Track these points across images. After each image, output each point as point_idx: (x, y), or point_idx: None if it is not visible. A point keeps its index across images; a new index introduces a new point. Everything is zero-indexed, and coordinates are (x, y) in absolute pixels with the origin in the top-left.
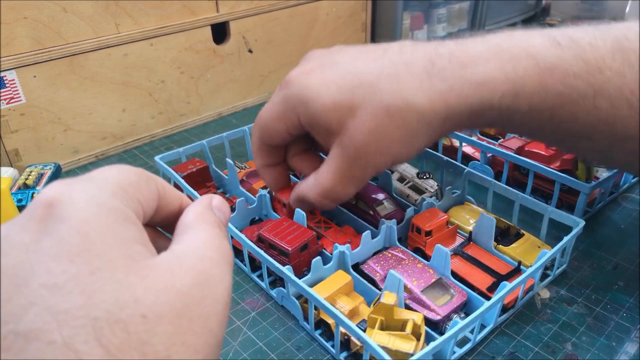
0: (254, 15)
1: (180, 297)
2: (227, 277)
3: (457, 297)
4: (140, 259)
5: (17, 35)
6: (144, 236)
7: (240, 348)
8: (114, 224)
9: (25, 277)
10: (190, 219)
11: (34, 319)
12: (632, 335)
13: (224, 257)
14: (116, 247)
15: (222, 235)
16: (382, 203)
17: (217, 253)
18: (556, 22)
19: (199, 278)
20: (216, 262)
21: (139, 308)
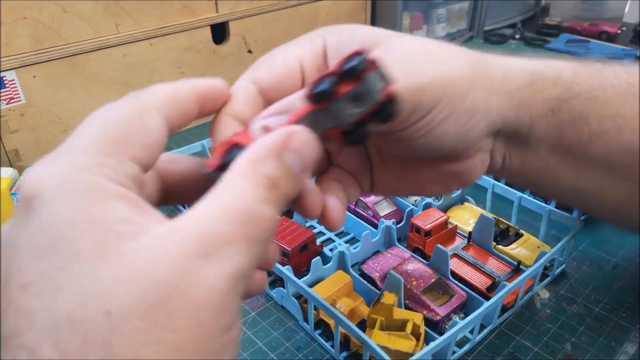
0: (253, 15)
1: (156, 287)
2: (240, 257)
3: (457, 297)
4: (119, 242)
5: (17, 35)
6: (133, 209)
7: (240, 348)
8: (88, 208)
9: (7, 277)
10: (232, 170)
11: (10, 321)
12: (632, 336)
13: (245, 229)
14: (89, 235)
15: (264, 201)
16: (382, 203)
17: (231, 226)
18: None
19: (186, 262)
20: (223, 239)
21: (103, 304)
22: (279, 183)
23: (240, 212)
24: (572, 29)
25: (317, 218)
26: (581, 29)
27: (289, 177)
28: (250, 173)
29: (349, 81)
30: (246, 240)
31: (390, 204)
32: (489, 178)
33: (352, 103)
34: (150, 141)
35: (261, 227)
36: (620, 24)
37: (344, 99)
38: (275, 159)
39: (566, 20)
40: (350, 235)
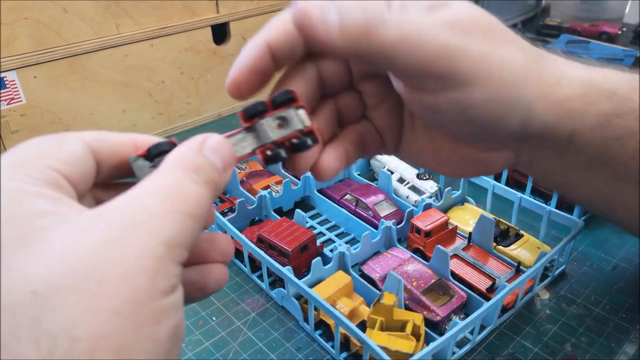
0: (254, 15)
1: (83, 259)
2: (170, 227)
3: (457, 298)
4: (40, 233)
5: (18, 35)
6: (53, 204)
7: (240, 348)
8: (7, 207)
9: None
10: (163, 163)
11: None
12: (631, 336)
13: (173, 204)
14: (10, 231)
15: (190, 180)
16: (382, 204)
17: (157, 200)
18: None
19: (113, 233)
20: (151, 212)
21: (29, 285)
22: (203, 168)
23: (167, 188)
24: (573, 30)
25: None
26: (581, 30)
27: (211, 167)
28: (177, 160)
29: (278, 110)
30: (174, 212)
31: (390, 204)
32: (489, 179)
33: (276, 129)
34: (68, 158)
35: (189, 202)
36: (621, 25)
37: (269, 120)
38: (196, 152)
39: (566, 21)
40: (351, 236)
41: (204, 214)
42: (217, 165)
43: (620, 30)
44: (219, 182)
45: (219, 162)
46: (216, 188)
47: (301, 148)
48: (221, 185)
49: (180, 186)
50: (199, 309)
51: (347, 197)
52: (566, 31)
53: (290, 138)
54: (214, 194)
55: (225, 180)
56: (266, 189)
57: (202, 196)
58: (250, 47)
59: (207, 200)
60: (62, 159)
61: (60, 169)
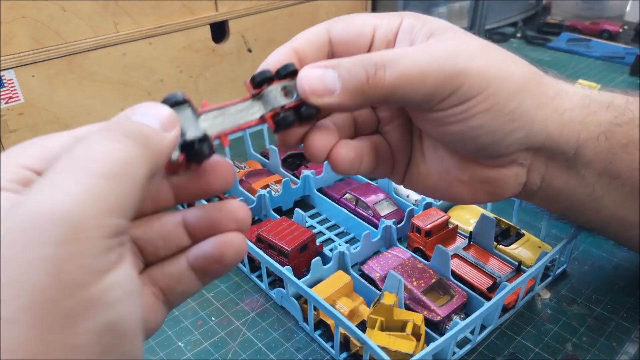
0: (253, 14)
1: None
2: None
3: (457, 298)
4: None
5: (16, 34)
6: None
7: (239, 349)
8: None
9: None
10: None
11: None
12: (633, 336)
13: (76, 168)
14: None
15: (102, 137)
16: (382, 203)
17: (58, 172)
18: (557, 21)
19: (10, 228)
20: (48, 185)
21: None
22: (122, 124)
23: (71, 153)
24: (574, 28)
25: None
26: (582, 28)
27: (137, 124)
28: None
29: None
30: (77, 178)
31: (390, 203)
32: None
33: (284, 96)
34: (45, 153)
35: (98, 160)
36: (622, 23)
37: (277, 88)
38: (120, 117)
39: (567, 19)
40: (351, 236)
41: (129, 169)
42: (148, 123)
43: (621, 28)
44: (156, 138)
45: (153, 121)
46: (150, 142)
47: (308, 115)
48: (162, 142)
49: (87, 146)
50: (197, 309)
51: (347, 196)
52: (567, 29)
53: (298, 105)
54: (148, 148)
55: (168, 138)
56: (265, 188)
57: (119, 150)
58: (277, 50)
59: (128, 153)
60: (39, 156)
61: (33, 165)
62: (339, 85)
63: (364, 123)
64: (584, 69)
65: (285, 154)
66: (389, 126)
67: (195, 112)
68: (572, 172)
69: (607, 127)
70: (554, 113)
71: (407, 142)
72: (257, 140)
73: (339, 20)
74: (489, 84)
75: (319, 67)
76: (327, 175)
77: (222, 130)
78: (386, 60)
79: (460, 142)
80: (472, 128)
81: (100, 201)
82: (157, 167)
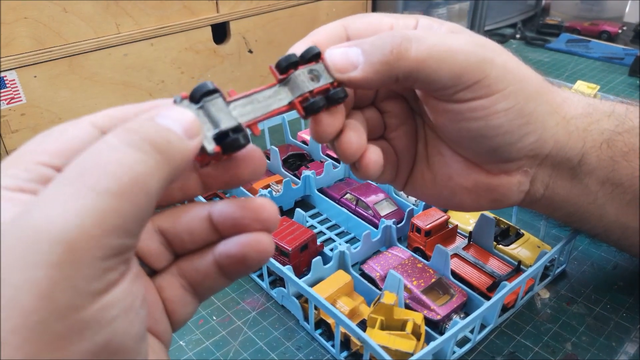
0: (254, 15)
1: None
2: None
3: (457, 297)
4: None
5: (18, 35)
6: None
7: (240, 348)
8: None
9: None
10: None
11: None
12: (632, 335)
13: (84, 182)
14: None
15: (120, 144)
16: (382, 203)
17: (62, 184)
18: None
19: (6, 245)
20: (47, 200)
21: None
22: (143, 128)
23: (82, 162)
24: (573, 29)
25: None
26: (582, 29)
27: (161, 128)
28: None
29: (307, 64)
30: (82, 194)
31: (390, 203)
32: None
33: (311, 81)
34: (65, 147)
35: (109, 173)
36: (621, 24)
37: (303, 72)
38: (143, 117)
39: (567, 20)
40: (351, 235)
41: (142, 183)
42: (172, 128)
43: (620, 29)
44: (179, 146)
45: (178, 127)
46: (171, 149)
47: (336, 99)
48: (184, 150)
49: (99, 154)
50: (199, 308)
51: (347, 196)
52: (566, 30)
53: (325, 89)
54: (168, 157)
55: (191, 147)
56: (266, 188)
57: (133, 161)
58: (297, 43)
59: (145, 166)
60: (56, 150)
61: (54, 163)
62: (362, 59)
63: (372, 127)
64: (583, 70)
65: (286, 155)
66: (395, 132)
67: (225, 101)
68: (576, 181)
69: (609, 135)
70: (562, 120)
71: (412, 148)
72: (257, 140)
73: (355, 17)
74: (512, 81)
75: (343, 46)
76: (328, 175)
77: (254, 118)
78: (413, 36)
79: (475, 140)
80: (491, 127)
81: (104, 221)
82: (175, 177)
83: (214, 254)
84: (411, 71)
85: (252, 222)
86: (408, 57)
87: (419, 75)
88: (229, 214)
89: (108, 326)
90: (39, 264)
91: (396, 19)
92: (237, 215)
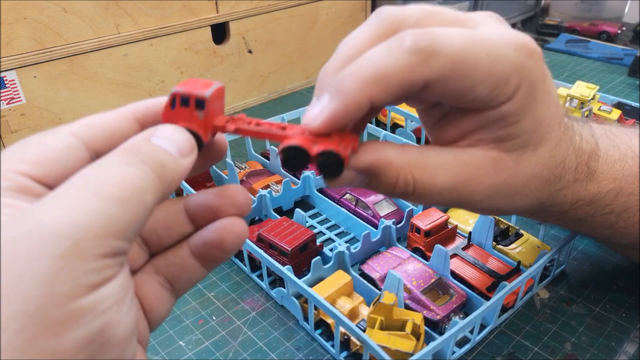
0: (253, 15)
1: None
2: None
3: (457, 297)
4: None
5: (18, 35)
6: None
7: (240, 348)
8: None
9: None
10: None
11: None
12: (632, 336)
13: (89, 188)
14: None
15: (121, 161)
16: (382, 203)
17: (69, 188)
18: (555, 22)
19: (11, 235)
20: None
21: None
22: (142, 150)
23: (88, 173)
24: (572, 29)
25: None
26: (581, 29)
27: (156, 149)
28: (117, 149)
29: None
30: (89, 198)
31: (390, 203)
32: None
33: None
34: (44, 156)
35: (113, 184)
36: (621, 24)
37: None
38: (142, 139)
39: (566, 20)
40: (350, 235)
41: (139, 195)
42: (166, 149)
43: (619, 29)
44: (172, 166)
45: (172, 148)
46: (165, 170)
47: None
48: (177, 169)
49: (104, 169)
50: (199, 309)
51: (347, 196)
52: (566, 30)
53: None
54: (162, 176)
55: (183, 166)
56: (266, 189)
57: (132, 175)
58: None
59: (142, 180)
60: (35, 159)
61: (32, 172)
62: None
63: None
64: (583, 70)
65: None
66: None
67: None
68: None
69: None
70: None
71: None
72: (257, 141)
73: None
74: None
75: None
76: None
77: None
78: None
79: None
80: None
81: (106, 223)
82: (168, 194)
83: (189, 245)
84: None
85: (229, 207)
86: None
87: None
88: (205, 203)
89: (102, 315)
90: (43, 255)
91: None
92: (214, 203)
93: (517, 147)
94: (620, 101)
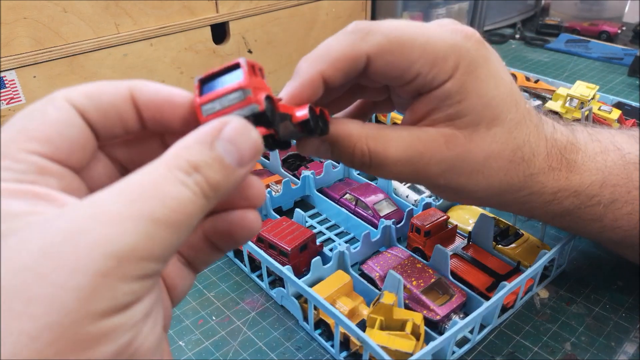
0: (253, 15)
1: (17, 274)
2: (128, 236)
3: (457, 297)
4: (6, 238)
5: (17, 35)
6: (35, 201)
7: (240, 348)
8: None
9: None
10: (160, 157)
11: None
12: (631, 335)
13: (140, 208)
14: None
15: (176, 180)
16: (382, 203)
17: (121, 202)
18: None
19: (53, 241)
20: (108, 216)
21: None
22: (200, 168)
23: (141, 186)
24: (572, 29)
25: None
26: (581, 29)
27: (217, 165)
28: (170, 159)
29: None
30: (138, 218)
31: (390, 203)
32: None
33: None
34: (51, 131)
35: (164, 206)
36: (621, 24)
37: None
38: (202, 146)
39: (566, 20)
40: (350, 235)
41: (188, 221)
42: (226, 161)
43: (620, 29)
44: (225, 183)
45: (233, 157)
46: (217, 190)
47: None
48: (228, 185)
49: (158, 186)
50: (198, 309)
51: (347, 196)
52: (566, 30)
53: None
54: (213, 196)
55: (238, 177)
56: (266, 189)
57: (186, 200)
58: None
59: (194, 206)
60: (44, 136)
61: (43, 150)
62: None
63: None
64: (583, 70)
65: (285, 154)
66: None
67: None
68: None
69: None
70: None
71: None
72: None
73: None
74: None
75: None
76: (327, 175)
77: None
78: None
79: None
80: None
81: (152, 247)
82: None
83: (203, 229)
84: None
85: (241, 199)
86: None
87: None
88: None
89: (131, 330)
90: (87, 271)
91: None
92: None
93: (468, 125)
94: (620, 101)
